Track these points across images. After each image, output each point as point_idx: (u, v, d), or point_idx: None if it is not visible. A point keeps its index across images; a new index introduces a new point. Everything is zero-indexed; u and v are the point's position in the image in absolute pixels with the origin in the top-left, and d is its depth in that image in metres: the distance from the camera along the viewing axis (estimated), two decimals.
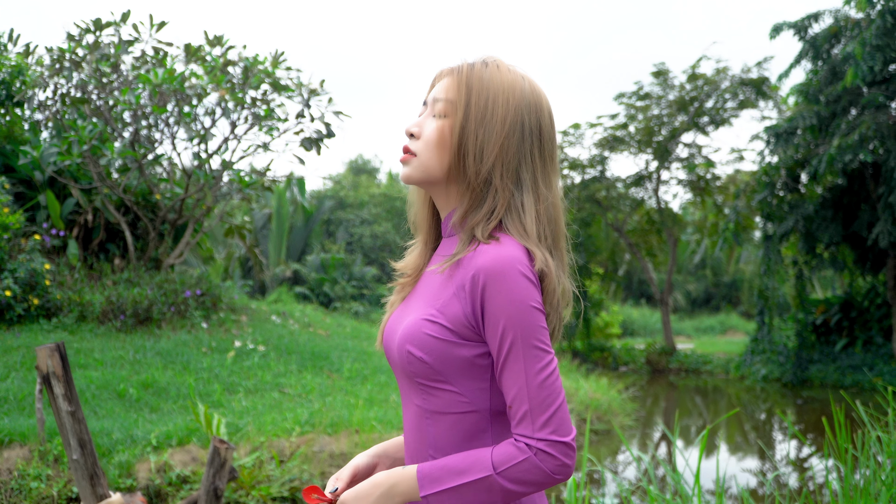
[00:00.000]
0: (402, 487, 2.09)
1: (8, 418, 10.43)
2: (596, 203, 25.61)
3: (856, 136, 17.87)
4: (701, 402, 20.06)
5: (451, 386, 2.12)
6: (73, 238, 17.15)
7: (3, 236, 14.43)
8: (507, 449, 2.03)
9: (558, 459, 2.00)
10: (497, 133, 2.14)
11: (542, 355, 2.04)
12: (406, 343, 2.12)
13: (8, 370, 12.28)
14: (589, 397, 15.43)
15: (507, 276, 2.03)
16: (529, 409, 2.01)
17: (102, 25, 15.79)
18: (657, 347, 26.31)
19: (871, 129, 17.93)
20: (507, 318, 2.02)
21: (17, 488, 9.05)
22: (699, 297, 44.15)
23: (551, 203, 2.23)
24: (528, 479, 2.01)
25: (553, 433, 2.00)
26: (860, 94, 19.81)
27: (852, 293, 23.11)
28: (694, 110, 24.44)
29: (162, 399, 11.79)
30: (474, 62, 2.23)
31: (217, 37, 16.04)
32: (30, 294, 14.49)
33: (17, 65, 17.56)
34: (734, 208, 22.10)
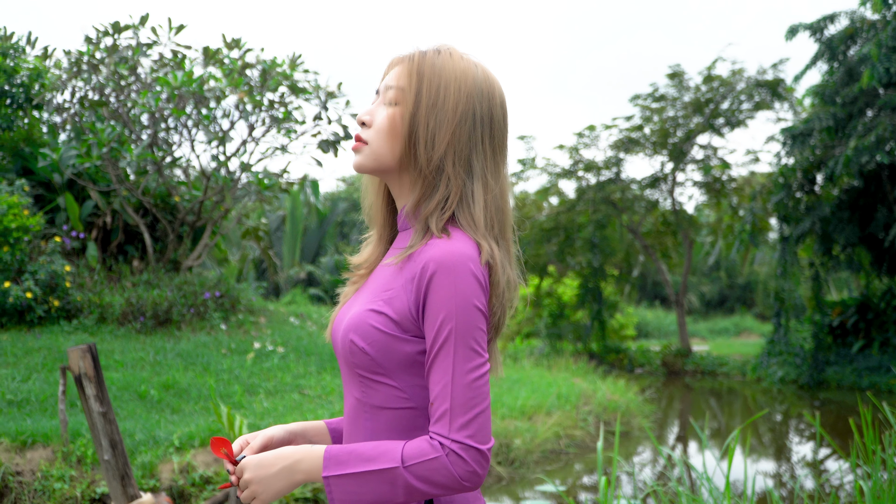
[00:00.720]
0: (305, 465, 2.05)
1: (31, 419, 10.48)
2: (611, 205, 25.60)
3: (872, 138, 17.86)
4: (718, 403, 20.05)
5: (391, 380, 2.09)
6: (92, 240, 17.22)
7: (23, 238, 14.50)
8: (420, 445, 1.99)
9: (469, 466, 1.96)
10: (449, 120, 2.13)
11: (475, 357, 2.00)
12: (350, 332, 2.10)
13: (29, 371, 12.34)
14: (607, 399, 15.44)
15: (455, 271, 2.01)
16: (450, 408, 1.98)
17: (121, 28, 15.86)
18: (673, 349, 26.29)
19: (888, 131, 17.92)
20: (447, 312, 1.99)
21: (40, 489, 9.09)
22: (713, 298, 44.12)
23: (499, 192, 2.20)
24: (434, 479, 1.97)
25: (470, 437, 1.97)
26: (876, 96, 19.79)
27: (868, 295, 23.07)
28: (709, 112, 24.42)
29: (183, 400, 11.83)
30: (426, 50, 2.22)
31: (235, 39, 16.09)
32: (50, 296, 14.56)
33: (36, 68, 17.63)
34: (750, 210, 22.09)
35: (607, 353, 26.01)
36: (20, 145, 18.47)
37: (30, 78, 17.51)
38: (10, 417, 10.56)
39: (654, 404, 17.59)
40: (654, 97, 24.80)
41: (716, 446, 14.04)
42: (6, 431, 9.82)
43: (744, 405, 19.76)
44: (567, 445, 13.15)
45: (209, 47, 16.05)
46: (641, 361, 26.09)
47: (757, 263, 42.27)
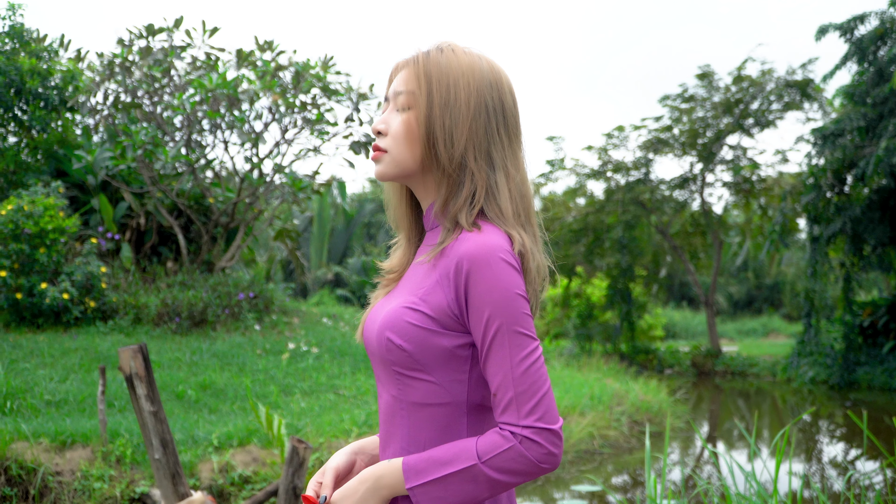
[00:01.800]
0: (387, 480, 2.07)
1: (69, 419, 10.56)
2: (640, 205, 25.57)
3: None
4: (750, 404, 20.00)
5: (429, 376, 2.09)
6: (126, 241, 17.32)
7: (59, 240, 14.59)
8: (492, 438, 2.00)
9: (544, 447, 1.98)
10: (463, 116, 2.14)
11: (528, 342, 2.02)
12: (386, 330, 2.10)
13: (67, 372, 12.42)
14: (639, 399, 15.43)
15: (491, 263, 2.01)
16: (515, 397, 1.99)
17: (155, 31, 15.95)
18: (702, 350, 26.22)
19: None
20: (492, 306, 2.00)
21: (80, 489, 9.15)
22: (741, 299, 43.98)
23: (521, 179, 2.21)
24: (513, 468, 1.98)
25: (539, 420, 1.98)
26: None
27: None
28: (739, 112, 24.37)
29: (220, 400, 11.90)
30: (429, 50, 2.22)
31: (268, 42, 16.16)
32: (86, 297, 14.65)
33: (70, 70, 17.73)
34: (780, 210, 22.04)
35: (636, 354, 25.97)
36: (54, 147, 18.59)
37: (63, 80, 17.62)
38: (49, 418, 10.64)
39: (685, 405, 17.57)
40: (684, 97, 24.75)
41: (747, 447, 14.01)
42: (46, 432, 9.89)
43: (776, 406, 19.71)
44: (601, 446, 13.15)
45: (242, 50, 16.13)
46: (671, 362, 26.04)
47: (784, 264, 42.12)
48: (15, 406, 11.02)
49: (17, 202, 14.50)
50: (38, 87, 17.41)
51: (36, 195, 15.03)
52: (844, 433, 15.70)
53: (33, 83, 17.25)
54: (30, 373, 12.27)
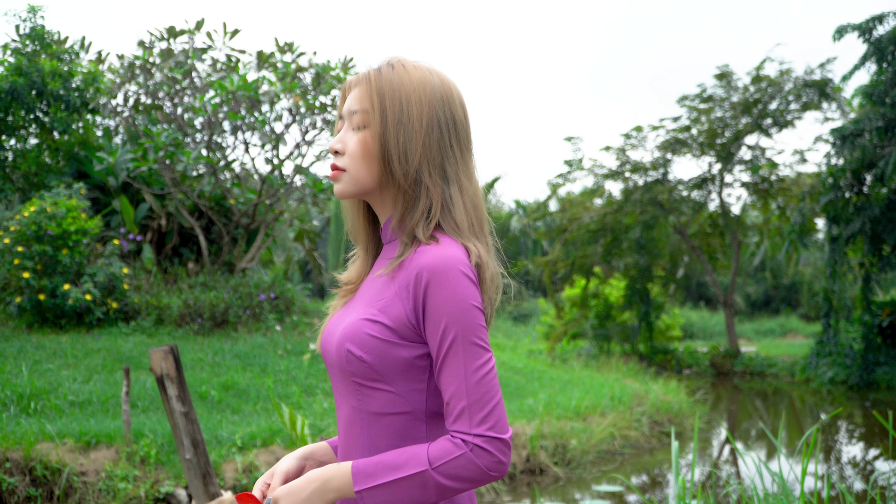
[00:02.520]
0: (336, 482, 2.08)
1: (93, 420, 10.61)
2: (658, 206, 25.54)
3: None
4: (770, 404, 19.97)
5: (389, 386, 2.12)
6: (147, 242, 17.38)
7: (82, 241, 14.65)
8: (444, 445, 2.03)
9: (494, 456, 2.02)
10: (416, 132, 2.16)
11: (482, 353, 2.05)
12: (346, 342, 2.12)
13: (90, 373, 12.48)
14: (659, 400, 15.43)
15: (449, 275, 2.05)
16: (468, 406, 2.02)
17: (176, 33, 16.00)
18: (721, 350, 26.19)
19: None
20: (449, 316, 2.04)
21: (104, 489, 9.20)
22: (758, 299, 43.90)
23: (473, 191, 2.25)
24: (463, 475, 2.02)
25: (490, 429, 2.02)
26: None
27: None
28: (758, 112, 24.33)
29: (243, 401, 11.94)
30: (380, 66, 2.24)
31: (287, 43, 16.21)
32: (108, 298, 14.71)
33: (91, 72, 17.80)
34: (799, 210, 22.00)
35: (655, 354, 25.94)
36: (75, 149, 18.66)
37: (84, 82, 17.68)
38: (73, 418, 10.70)
39: (705, 405, 17.56)
40: (702, 98, 24.72)
41: (766, 447, 14.01)
42: (70, 432, 9.94)
43: (794, 406, 19.68)
44: (622, 446, 13.17)
45: (263, 51, 16.18)
46: (689, 362, 26.01)
47: (802, 264, 42.02)
48: (39, 407, 11.07)
49: (39, 204, 14.57)
50: (59, 88, 17.48)
51: (58, 197, 15.10)
52: (864, 433, 15.67)
53: (55, 85, 17.32)
54: (53, 373, 12.34)
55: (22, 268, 14.22)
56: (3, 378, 11.90)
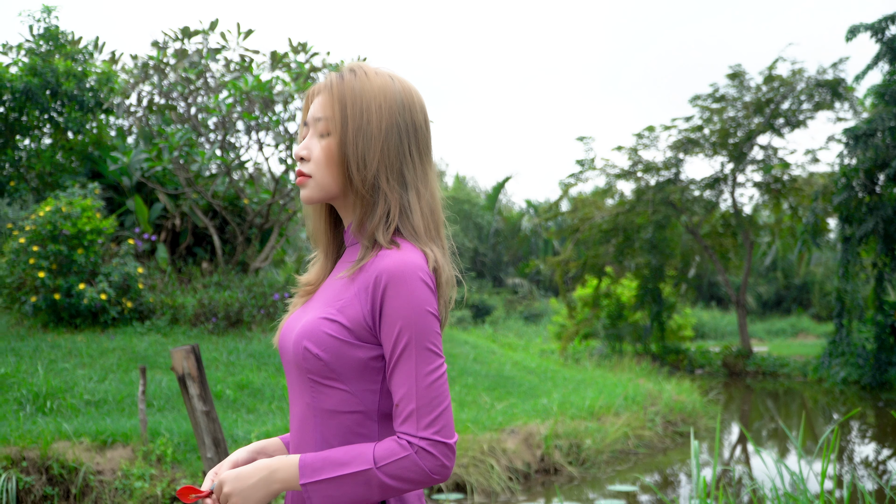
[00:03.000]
0: (282, 474, 2.13)
1: (109, 419, 10.66)
2: (671, 206, 25.55)
3: None
4: (781, 404, 19.97)
5: (343, 385, 2.17)
6: (161, 242, 17.43)
7: (97, 241, 14.70)
8: (390, 445, 2.09)
9: (438, 460, 2.08)
10: (375, 139, 2.20)
11: (434, 359, 2.11)
12: (303, 339, 2.17)
13: (105, 372, 12.52)
14: (673, 399, 15.44)
15: (407, 280, 2.10)
16: (416, 409, 2.08)
17: (191, 33, 16.05)
18: (733, 350, 26.18)
19: None
20: (404, 320, 2.09)
21: (121, 488, 9.24)
22: (770, 299, 43.86)
23: (430, 196, 2.29)
24: (406, 476, 2.07)
25: (437, 433, 2.08)
26: None
27: None
28: (770, 112, 24.33)
29: (258, 400, 11.98)
30: (342, 74, 2.28)
31: (301, 44, 16.24)
32: (123, 297, 14.76)
33: (105, 72, 17.85)
34: (812, 210, 21.99)
35: (667, 354, 25.96)
36: (89, 149, 18.72)
37: (98, 82, 17.74)
38: (89, 417, 10.74)
39: (718, 405, 17.55)
40: (715, 97, 24.74)
41: (777, 446, 14.01)
42: (86, 431, 9.99)
43: (806, 406, 19.67)
44: (636, 446, 13.18)
45: (277, 51, 16.21)
46: (701, 362, 26.01)
47: (813, 264, 41.97)
48: (55, 406, 11.12)
49: (54, 203, 14.62)
50: (73, 89, 17.53)
51: (73, 196, 15.15)
52: (877, 433, 15.67)
53: (69, 85, 17.37)
54: (69, 373, 12.38)
55: (37, 267, 14.26)
56: (19, 377, 11.95)
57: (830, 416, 17.74)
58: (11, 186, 18.16)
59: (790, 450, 13.72)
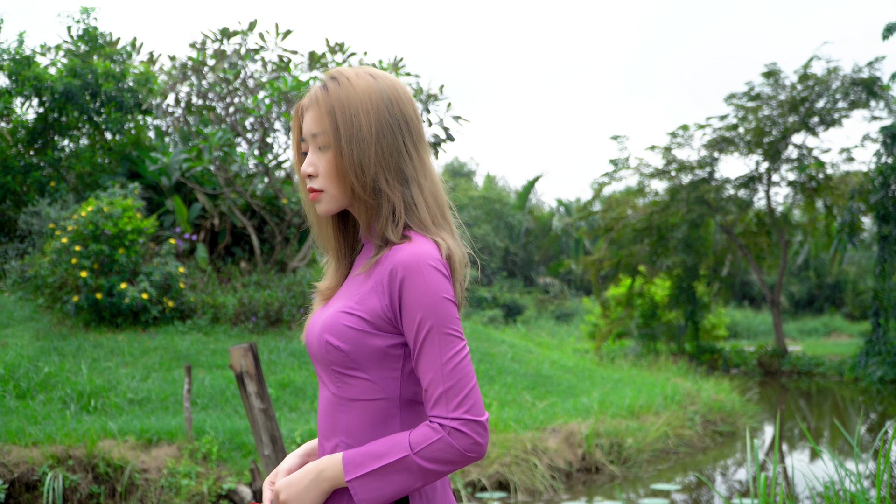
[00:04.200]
0: (329, 472, 2.21)
1: (154, 417, 10.73)
2: (705, 204, 25.47)
3: None
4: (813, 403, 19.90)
5: (365, 374, 2.24)
6: (200, 242, 17.51)
7: (138, 241, 14.78)
8: (423, 430, 2.15)
9: (471, 438, 2.14)
10: (368, 143, 2.24)
11: (456, 342, 2.18)
12: (325, 333, 2.25)
13: (148, 371, 12.61)
14: (711, 399, 15.40)
15: (422, 270, 2.17)
16: (444, 392, 2.14)
17: (230, 34, 16.11)
18: (768, 349, 26.07)
19: None
20: (424, 310, 2.16)
21: (167, 486, 9.30)
22: (802, 298, 43.64)
23: (431, 184, 2.35)
24: (443, 457, 2.14)
25: (467, 413, 2.14)
26: None
27: None
28: (805, 110, 24.22)
29: (299, 398, 12.03)
30: (325, 84, 2.31)
31: (338, 44, 16.29)
32: (164, 296, 14.83)
33: (144, 73, 17.94)
34: (848, 209, 21.88)
35: (701, 354, 25.87)
36: (128, 149, 18.81)
37: (137, 83, 17.82)
38: (133, 416, 10.82)
39: (758, 405, 17.49)
40: (750, 96, 24.65)
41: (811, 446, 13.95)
42: (131, 429, 10.06)
43: (840, 405, 19.59)
44: (676, 445, 13.16)
45: (315, 52, 16.26)
46: (736, 362, 25.91)
47: (846, 263, 41.75)
48: (99, 404, 11.21)
49: (96, 203, 14.71)
50: (112, 89, 17.63)
51: (114, 197, 15.24)
52: None
53: (108, 86, 17.48)
54: (112, 371, 12.47)
55: (79, 267, 14.36)
56: (63, 376, 12.05)
57: (869, 416, 17.66)
58: (52, 187, 18.29)
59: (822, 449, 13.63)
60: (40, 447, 9.58)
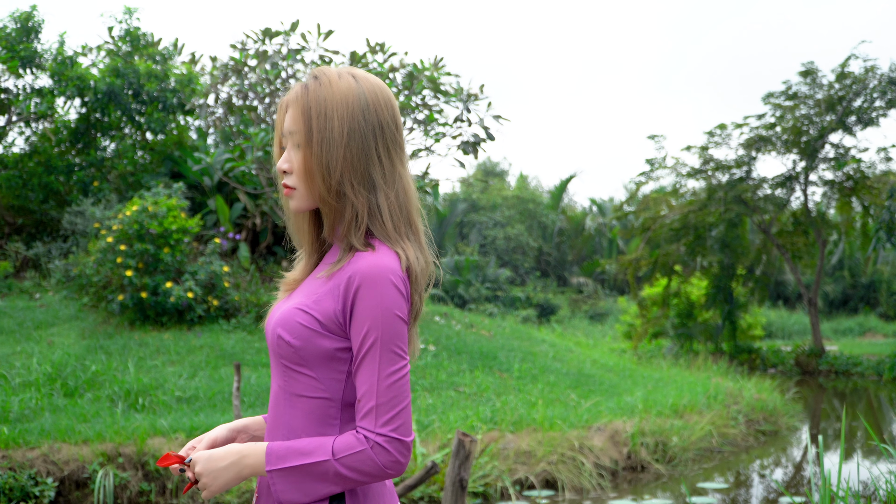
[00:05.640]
0: (251, 459, 2.26)
1: (203, 414, 10.80)
2: (743, 204, 25.40)
3: None
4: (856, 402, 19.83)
5: (311, 371, 2.29)
6: (242, 241, 17.62)
7: (183, 240, 14.88)
8: (349, 439, 2.21)
9: (393, 456, 2.19)
10: (337, 146, 2.27)
11: (398, 360, 2.23)
12: (278, 327, 2.31)
13: (194, 369, 12.69)
14: (753, 398, 15.38)
15: (378, 283, 2.21)
16: (376, 406, 2.20)
17: (272, 34, 16.19)
18: (805, 349, 25.98)
19: None
20: (372, 321, 2.21)
21: None
22: (836, 298, 43.41)
23: (400, 190, 2.36)
24: (361, 468, 2.19)
25: (394, 431, 2.19)
26: None
27: None
28: (842, 110, 24.13)
29: None
30: (307, 83, 2.35)
31: (379, 44, 16.34)
32: (209, 295, 14.92)
33: (187, 74, 18.05)
34: (887, 208, 21.80)
35: (739, 353, 25.81)
36: (170, 149, 18.93)
37: (180, 83, 17.93)
38: (182, 414, 10.89)
39: (799, 404, 17.46)
40: (787, 95, 24.57)
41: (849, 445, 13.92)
42: (181, 426, 10.14)
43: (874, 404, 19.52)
44: (720, 444, 13.15)
45: (356, 52, 16.32)
46: (773, 361, 25.82)
47: (880, 262, 41.58)
48: (147, 402, 11.29)
49: (141, 203, 14.81)
50: (155, 90, 17.75)
51: (158, 196, 15.34)
52: None
53: (151, 86, 17.59)
54: (158, 370, 12.56)
55: (124, 266, 14.47)
56: (110, 374, 12.15)
57: None
58: (95, 187, 18.43)
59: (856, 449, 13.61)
60: (90, 445, 9.65)
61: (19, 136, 20.46)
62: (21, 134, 20.41)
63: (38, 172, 19.27)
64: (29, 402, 11.02)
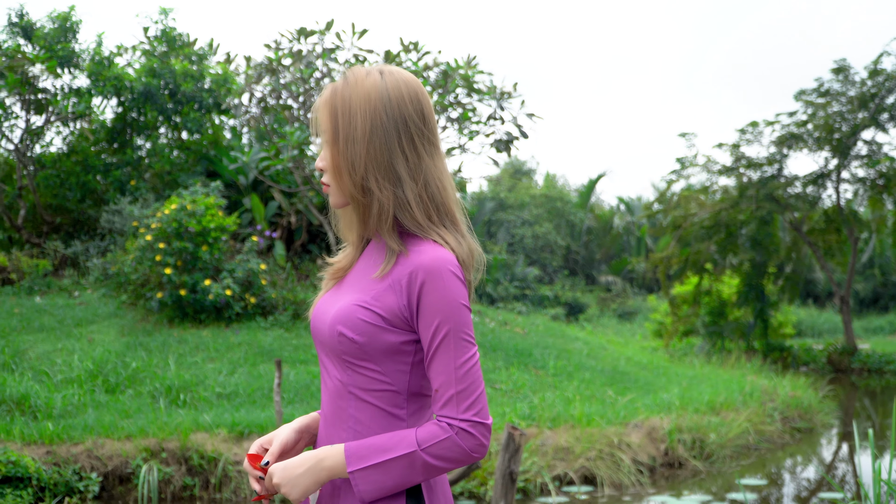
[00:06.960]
0: (328, 462, 2.29)
1: (243, 410, 10.90)
2: (774, 201, 25.33)
3: None
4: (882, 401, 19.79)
5: (376, 366, 2.32)
6: (278, 239, 17.72)
7: (220, 238, 14.98)
8: (431, 428, 2.25)
9: (477, 439, 2.24)
10: (359, 142, 2.32)
11: (469, 347, 2.28)
12: (338, 324, 2.32)
13: (233, 366, 12.79)
14: (789, 396, 15.38)
15: (442, 276, 2.26)
16: (455, 394, 2.24)
17: (307, 33, 16.27)
18: (838, 347, 25.89)
19: None
20: (442, 314, 2.25)
21: None
22: (867, 296, 43.21)
23: (431, 177, 2.39)
24: (448, 455, 2.23)
25: (476, 415, 2.24)
26: None
27: None
28: (874, 107, 24.04)
29: None
30: (337, 83, 2.40)
31: (413, 43, 16.40)
32: (247, 293, 15.02)
33: (223, 73, 18.16)
34: None
35: (771, 351, 25.74)
36: (205, 148, 19.05)
37: (216, 83, 18.04)
38: (223, 409, 11.00)
39: (834, 401, 17.43)
40: (819, 92, 24.50)
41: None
42: (222, 422, 10.24)
43: None
44: (757, 441, 13.16)
45: (390, 51, 16.39)
46: (805, 359, 25.74)
47: None
48: (188, 399, 11.40)
49: (179, 202, 14.92)
50: (191, 89, 17.86)
51: (196, 195, 15.45)
52: None
53: (187, 86, 17.70)
54: (198, 366, 12.67)
55: (163, 264, 14.59)
56: (151, 371, 12.27)
57: None
58: (132, 186, 18.56)
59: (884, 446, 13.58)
60: (133, 440, 9.76)
61: (57, 135, 20.67)
62: (59, 134, 20.59)
63: (76, 172, 19.44)
64: (71, 398, 11.14)
